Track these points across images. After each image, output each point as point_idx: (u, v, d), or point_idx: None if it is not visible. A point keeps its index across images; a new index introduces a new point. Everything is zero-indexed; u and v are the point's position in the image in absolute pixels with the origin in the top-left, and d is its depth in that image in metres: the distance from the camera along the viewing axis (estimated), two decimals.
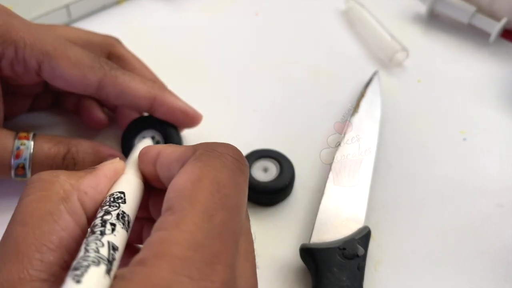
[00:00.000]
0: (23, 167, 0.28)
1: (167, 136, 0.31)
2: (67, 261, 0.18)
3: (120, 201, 0.20)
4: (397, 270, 0.29)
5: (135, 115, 0.33)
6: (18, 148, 0.28)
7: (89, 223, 0.20)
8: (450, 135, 0.37)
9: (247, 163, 0.21)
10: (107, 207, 0.19)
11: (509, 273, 0.29)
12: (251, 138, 0.35)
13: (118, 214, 0.19)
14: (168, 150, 0.21)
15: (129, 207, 0.20)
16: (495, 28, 0.43)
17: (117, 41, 0.34)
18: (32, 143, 0.28)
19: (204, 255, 0.16)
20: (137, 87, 0.30)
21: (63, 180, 0.20)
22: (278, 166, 0.31)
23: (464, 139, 0.36)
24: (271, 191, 0.30)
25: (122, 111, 0.34)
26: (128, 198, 0.20)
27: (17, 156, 0.27)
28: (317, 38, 0.45)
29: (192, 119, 0.32)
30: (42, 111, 0.36)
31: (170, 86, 0.38)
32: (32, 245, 0.17)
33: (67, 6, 0.42)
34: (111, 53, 0.34)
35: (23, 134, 0.28)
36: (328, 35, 0.45)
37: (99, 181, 0.21)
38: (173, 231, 0.17)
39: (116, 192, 0.20)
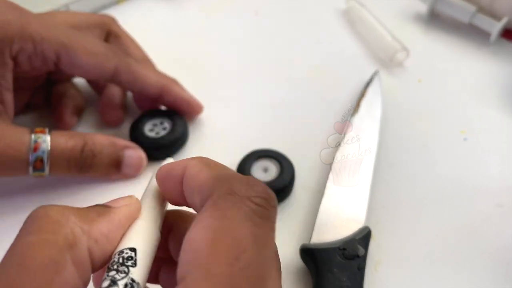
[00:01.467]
0: (41, 160, 0.28)
1: (174, 122, 0.33)
2: None
3: (129, 263, 0.17)
4: (397, 270, 0.29)
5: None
6: (35, 141, 0.28)
7: (93, 270, 0.18)
8: (450, 135, 0.37)
9: (274, 203, 0.18)
10: (114, 272, 0.17)
11: (509, 273, 0.29)
12: (251, 138, 0.35)
13: (125, 285, 0.17)
14: (194, 170, 0.19)
15: (140, 270, 0.18)
16: (495, 27, 0.43)
17: (113, 20, 0.36)
18: (48, 137, 0.28)
19: None
20: (149, 75, 0.32)
21: (73, 223, 0.17)
22: (278, 166, 0.31)
23: (465, 139, 0.36)
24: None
25: (138, 98, 0.36)
26: (139, 257, 0.18)
27: (35, 149, 0.27)
28: (317, 37, 0.44)
29: (194, 109, 0.35)
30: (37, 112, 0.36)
31: None
32: None
33: (66, 6, 0.42)
34: (109, 31, 0.35)
35: (38, 129, 0.28)
36: (328, 35, 0.45)
37: (112, 228, 0.18)
38: None
39: (126, 249, 0.18)
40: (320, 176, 0.33)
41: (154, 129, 0.33)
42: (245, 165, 0.31)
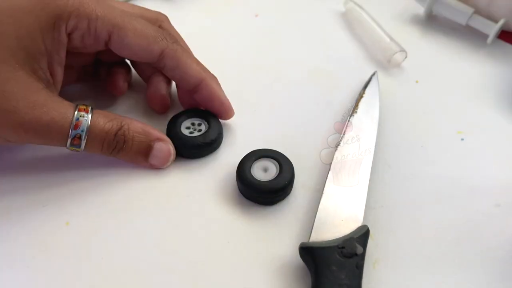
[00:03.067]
0: (80, 137, 0.29)
1: (210, 126, 0.34)
2: None
3: None
4: (395, 269, 0.29)
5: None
6: (77, 119, 0.29)
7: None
8: (447, 135, 0.37)
9: None
10: None
11: (507, 272, 0.29)
12: (251, 138, 0.36)
13: None
14: None
15: None
16: (492, 29, 0.43)
17: (166, 18, 0.37)
18: (90, 116, 0.30)
19: None
20: (191, 65, 0.33)
21: None
22: (278, 165, 0.32)
23: (462, 139, 0.37)
24: (271, 190, 0.31)
25: (181, 93, 0.37)
26: None
27: (76, 127, 0.29)
28: (317, 39, 0.45)
29: (226, 111, 0.35)
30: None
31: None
32: None
33: None
34: (160, 27, 0.35)
35: (82, 107, 0.30)
36: (327, 36, 0.45)
37: None
38: None
39: None
40: (319, 175, 0.33)
41: (191, 127, 0.34)
42: (245, 165, 0.31)
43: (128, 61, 0.38)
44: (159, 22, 0.36)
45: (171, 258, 0.29)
